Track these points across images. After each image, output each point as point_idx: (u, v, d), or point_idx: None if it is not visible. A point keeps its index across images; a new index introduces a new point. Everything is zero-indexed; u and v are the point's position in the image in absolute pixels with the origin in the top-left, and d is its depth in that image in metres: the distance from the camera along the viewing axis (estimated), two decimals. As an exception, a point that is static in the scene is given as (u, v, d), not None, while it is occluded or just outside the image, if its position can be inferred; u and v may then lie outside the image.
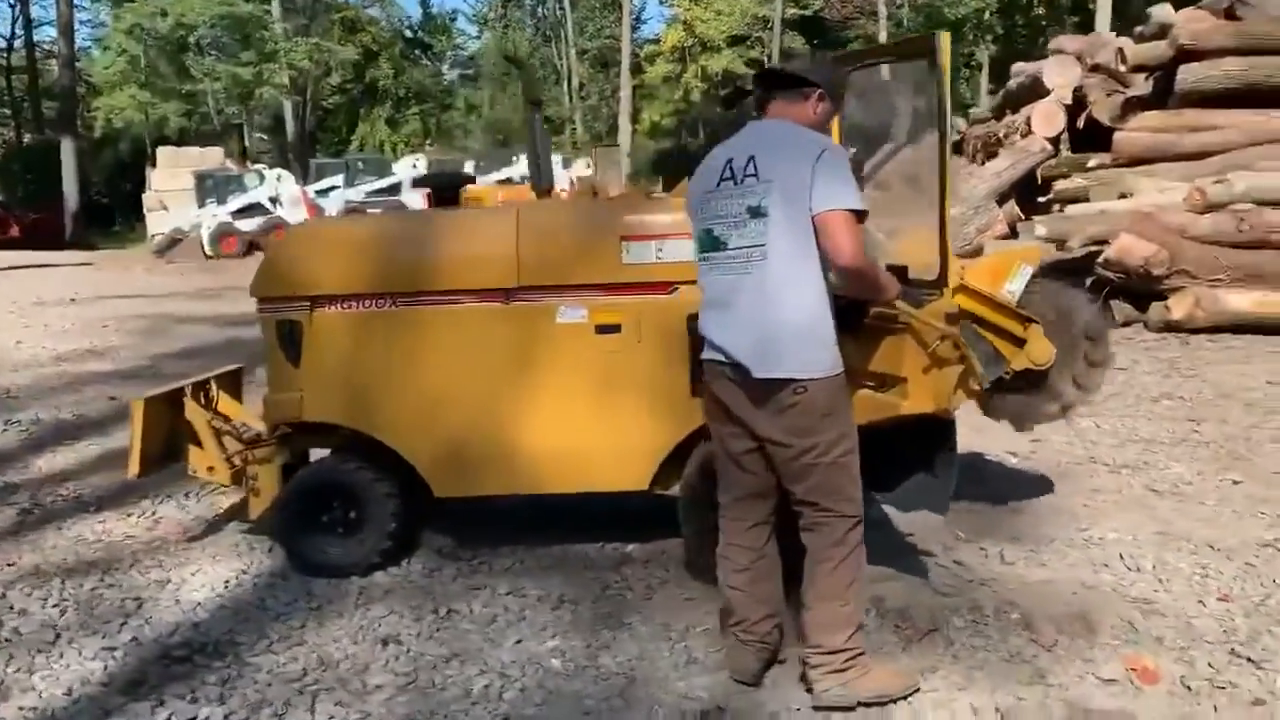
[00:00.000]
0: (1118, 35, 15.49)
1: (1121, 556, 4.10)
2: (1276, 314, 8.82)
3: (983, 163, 13.84)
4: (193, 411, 4.49)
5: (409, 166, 29.00)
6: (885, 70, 3.76)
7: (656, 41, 52.47)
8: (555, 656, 3.53)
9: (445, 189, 4.50)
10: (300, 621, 3.84)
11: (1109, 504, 4.78)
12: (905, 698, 3.13)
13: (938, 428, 3.58)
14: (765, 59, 45.85)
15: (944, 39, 3.23)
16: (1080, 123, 12.66)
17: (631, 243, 3.99)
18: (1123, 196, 10.31)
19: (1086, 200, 10.68)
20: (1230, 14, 11.76)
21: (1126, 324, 9.37)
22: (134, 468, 4.34)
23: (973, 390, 3.43)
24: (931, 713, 3.07)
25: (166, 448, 4.51)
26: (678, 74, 49.77)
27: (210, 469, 4.43)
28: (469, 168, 31.84)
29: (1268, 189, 9.26)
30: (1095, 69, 12.75)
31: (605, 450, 4.09)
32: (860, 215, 2.99)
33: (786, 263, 3.02)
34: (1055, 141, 12.68)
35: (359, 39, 51.18)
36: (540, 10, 62.18)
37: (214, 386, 4.78)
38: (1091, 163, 11.75)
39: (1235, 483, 5.02)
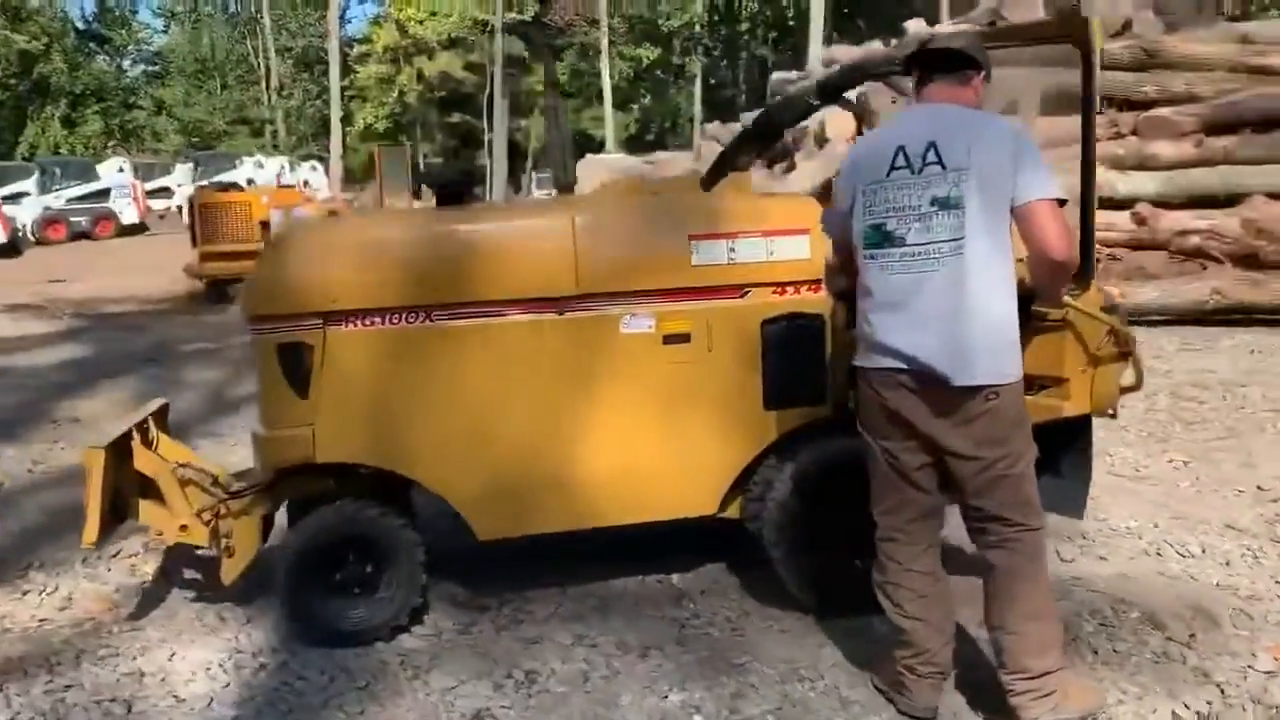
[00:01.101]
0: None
1: (1168, 544, 4.16)
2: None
3: (770, 167, 14.24)
4: (151, 461, 3.64)
5: (115, 170, 26.27)
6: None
7: (368, 41, 50.52)
8: (693, 712, 3.11)
9: (450, 188, 3.89)
10: (357, 705, 3.18)
11: (1099, 492, 4.86)
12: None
13: (1071, 427, 3.45)
14: (486, 62, 45.38)
15: (1096, 22, 3.10)
16: (863, 129, 13.26)
17: (701, 242, 3.60)
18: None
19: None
20: (993, 26, 12.69)
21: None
22: (91, 534, 3.46)
23: (1126, 389, 3.34)
24: (1138, 727, 2.93)
25: (114, 506, 3.63)
26: (392, 76, 48.23)
27: (183, 528, 3.60)
28: (180, 171, 29.37)
29: (1071, 188, 10.00)
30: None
31: (672, 474, 3.68)
32: (1062, 204, 2.81)
33: (984, 258, 2.79)
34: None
35: (25, 29, 45.98)
36: (234, 5, 58.36)
37: (153, 428, 3.92)
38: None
39: (1185, 463, 5.28)
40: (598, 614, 3.78)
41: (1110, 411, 3.37)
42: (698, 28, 44.64)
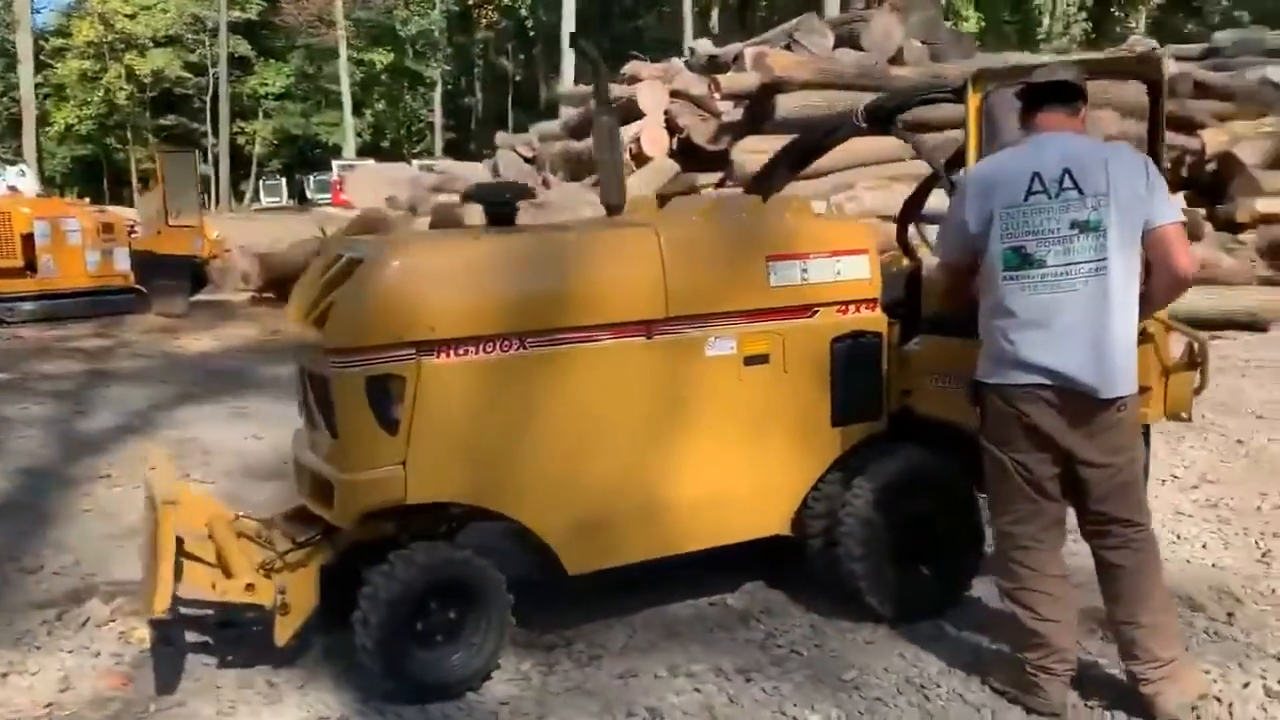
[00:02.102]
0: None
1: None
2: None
3: (568, 179, 14.33)
4: (208, 513, 3.23)
5: None
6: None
7: (65, 34, 46.13)
8: (841, 733, 3.12)
9: (502, 206, 3.67)
10: (497, 764, 2.97)
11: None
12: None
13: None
14: (207, 63, 42.69)
15: (1166, 61, 3.38)
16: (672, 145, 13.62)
17: (778, 263, 3.63)
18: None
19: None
20: (789, 49, 13.40)
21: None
22: (164, 601, 3.01)
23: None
24: (1240, 705, 3.21)
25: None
26: (97, 73, 44.34)
27: (249, 587, 3.20)
28: None
29: (885, 205, 10.72)
30: (675, 95, 13.72)
31: (750, 495, 3.70)
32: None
33: (1121, 278, 3.01)
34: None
35: None
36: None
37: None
38: (700, 182, 12.66)
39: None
40: (673, 642, 3.70)
41: (1185, 415, 3.68)
42: (436, 33, 43.97)
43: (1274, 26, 18.35)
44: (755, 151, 12.45)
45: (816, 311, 3.71)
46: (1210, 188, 11.97)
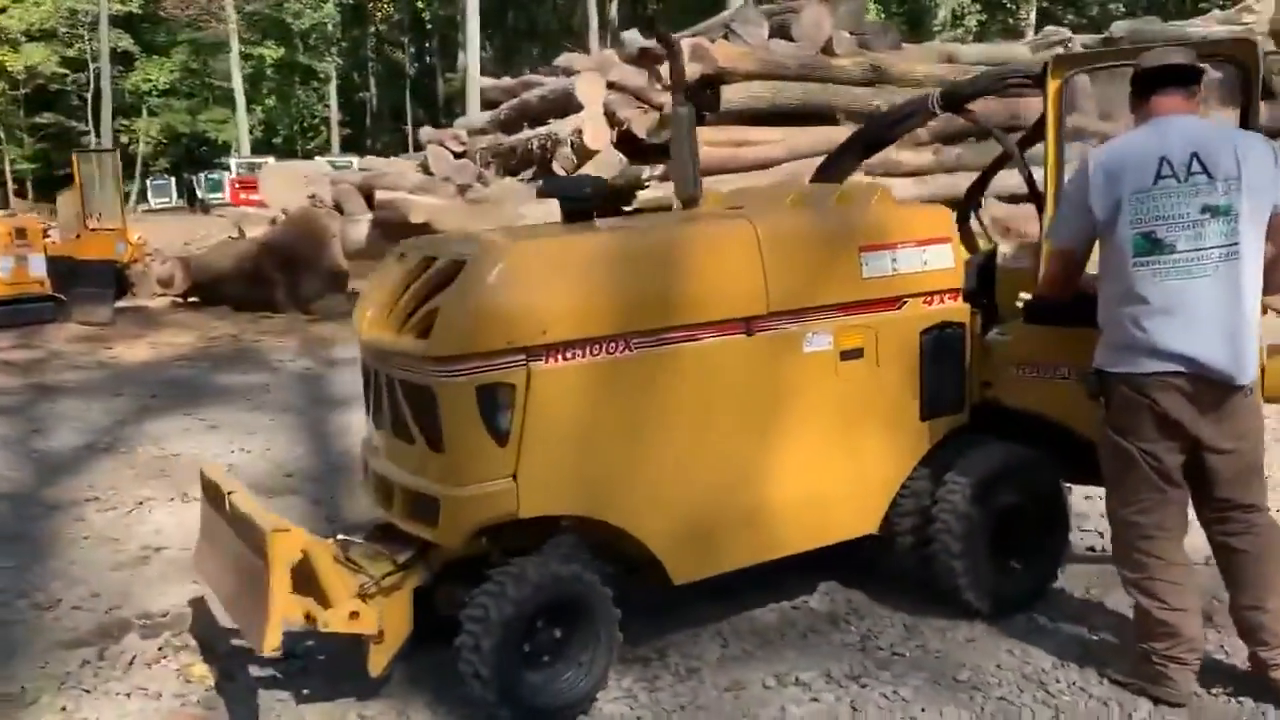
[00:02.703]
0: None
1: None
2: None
3: (501, 173, 14.07)
4: (306, 538, 2.95)
5: None
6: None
7: (-70, 29, 43.41)
8: (983, 736, 3.04)
9: (580, 202, 3.46)
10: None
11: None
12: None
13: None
14: (88, 59, 40.74)
15: (1260, 47, 3.37)
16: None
17: (869, 253, 3.53)
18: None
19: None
20: (726, 39, 13.34)
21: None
22: (276, 638, 2.74)
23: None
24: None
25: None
26: (-35, 70, 41.86)
27: (354, 615, 2.95)
28: None
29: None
30: (612, 86, 13.54)
31: (847, 494, 3.59)
32: None
33: (1252, 262, 2.99)
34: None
35: None
36: None
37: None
38: (645, 174, 12.51)
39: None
40: (768, 650, 3.58)
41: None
42: (329, 27, 42.78)
43: (1165, 18, 19.09)
44: (703, 143, 12.39)
45: (905, 303, 3.61)
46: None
